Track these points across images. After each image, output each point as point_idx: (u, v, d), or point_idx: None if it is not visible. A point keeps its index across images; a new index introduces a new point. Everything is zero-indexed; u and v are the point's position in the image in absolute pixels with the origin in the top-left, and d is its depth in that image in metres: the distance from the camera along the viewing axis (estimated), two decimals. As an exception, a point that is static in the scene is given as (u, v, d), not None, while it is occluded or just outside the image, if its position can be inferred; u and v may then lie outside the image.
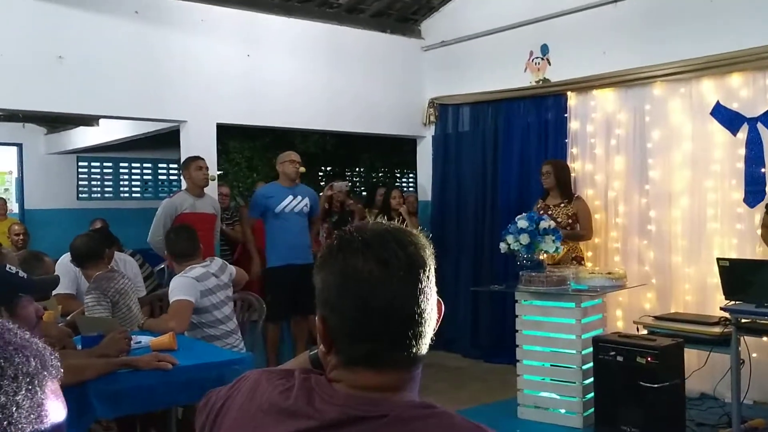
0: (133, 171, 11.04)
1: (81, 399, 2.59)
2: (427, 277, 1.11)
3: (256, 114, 6.35)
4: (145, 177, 11.16)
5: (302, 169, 5.91)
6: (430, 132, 7.40)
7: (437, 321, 1.13)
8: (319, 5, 6.77)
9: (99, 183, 10.77)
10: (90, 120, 8.53)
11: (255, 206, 5.86)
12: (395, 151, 9.13)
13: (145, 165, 11.07)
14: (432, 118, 7.29)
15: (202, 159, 5.56)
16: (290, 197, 5.73)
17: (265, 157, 8.22)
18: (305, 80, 6.60)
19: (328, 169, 9.81)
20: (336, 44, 6.82)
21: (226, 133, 6.41)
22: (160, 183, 11.26)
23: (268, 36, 6.42)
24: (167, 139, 7.67)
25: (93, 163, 10.66)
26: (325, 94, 6.71)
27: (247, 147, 8.27)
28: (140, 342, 3.20)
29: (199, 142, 6.03)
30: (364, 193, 9.84)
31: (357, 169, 10.12)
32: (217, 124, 6.14)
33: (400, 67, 7.24)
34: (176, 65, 5.87)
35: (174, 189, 11.02)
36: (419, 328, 1.09)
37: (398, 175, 10.17)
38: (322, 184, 9.14)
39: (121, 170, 10.92)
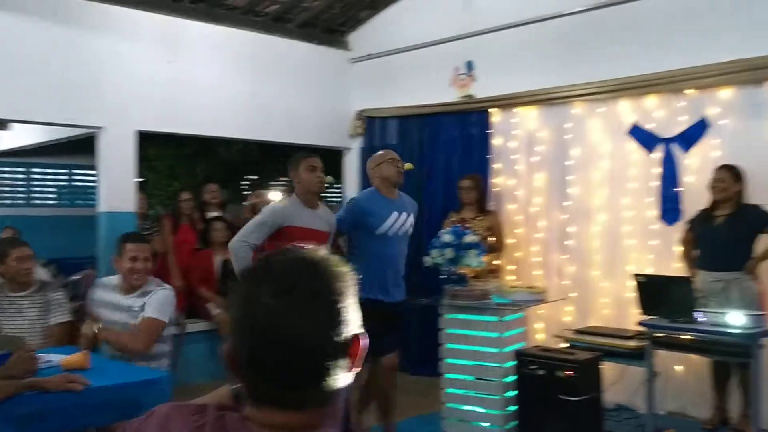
0: (47, 177, 10.57)
1: (-16, 424, 2.44)
2: (338, 308, 1.05)
3: (178, 122, 6.19)
4: (59, 183, 10.71)
5: (408, 166, 4.66)
6: (356, 144, 7.39)
7: (356, 357, 1.07)
8: (245, 13, 6.67)
9: (9, 189, 10.26)
10: (1, 123, 8.13)
11: (347, 220, 4.43)
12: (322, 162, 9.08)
13: (59, 171, 10.62)
14: (359, 130, 7.28)
15: (316, 157, 4.27)
16: (395, 214, 4.39)
17: (187, 164, 8.04)
18: (230, 88, 6.48)
19: (255, 178, 9.67)
20: (262, 53, 6.73)
21: (145, 139, 6.20)
22: (75, 190, 10.82)
23: (192, 42, 6.28)
24: (84, 143, 7.38)
25: (3, 168, 10.16)
26: (250, 103, 6.60)
27: (168, 154, 8.05)
28: (51, 361, 3.03)
29: (117, 150, 5.83)
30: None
31: (282, 180, 10.01)
32: (138, 131, 5.95)
33: (326, 78, 7.21)
34: (94, 70, 5.66)
35: (91, 196, 10.63)
36: (325, 364, 1.03)
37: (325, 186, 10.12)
38: (245, 193, 9.01)
39: (34, 176, 10.44)
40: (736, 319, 4.09)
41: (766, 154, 4.79)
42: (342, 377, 1.05)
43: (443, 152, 6.63)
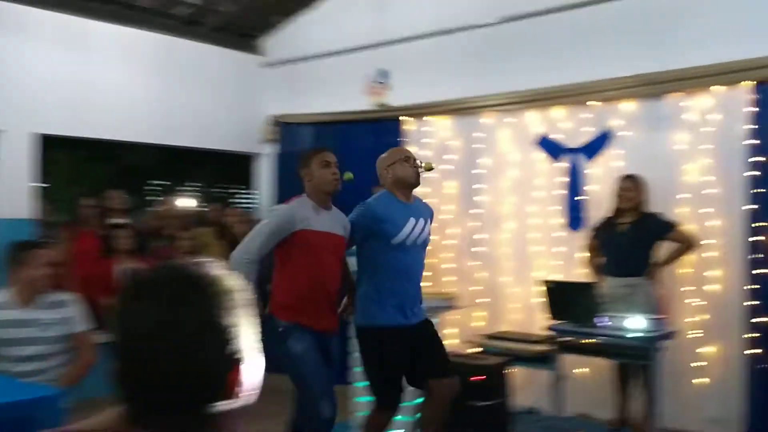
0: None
1: None
2: (220, 331, 0.99)
3: (83, 125, 5.95)
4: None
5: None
6: (268, 150, 7.28)
7: (236, 383, 1.01)
8: (156, 15, 6.48)
9: None
10: None
11: (359, 227, 3.81)
12: (230, 168, 8.92)
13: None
14: (271, 136, 7.19)
15: (329, 151, 3.78)
16: (412, 221, 3.77)
17: (90, 169, 7.72)
18: (138, 92, 6.28)
19: (163, 183, 9.40)
20: (173, 56, 6.56)
21: (47, 143, 5.92)
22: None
23: (100, 44, 6.05)
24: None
25: None
26: (159, 107, 6.42)
27: (71, 159, 7.72)
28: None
29: (15, 153, 5.54)
30: (201, 208, 9.54)
31: (192, 185, 9.79)
32: (38, 134, 5.67)
33: (238, 83, 7.09)
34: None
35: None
36: (203, 389, 0.98)
37: (234, 191, 9.93)
38: (152, 200, 8.74)
39: None
40: (636, 324, 4.25)
41: (665, 164, 5.02)
42: (223, 403, 1.00)
43: (357, 161, 6.57)
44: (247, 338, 1.02)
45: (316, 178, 3.69)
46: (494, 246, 5.79)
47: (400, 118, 6.28)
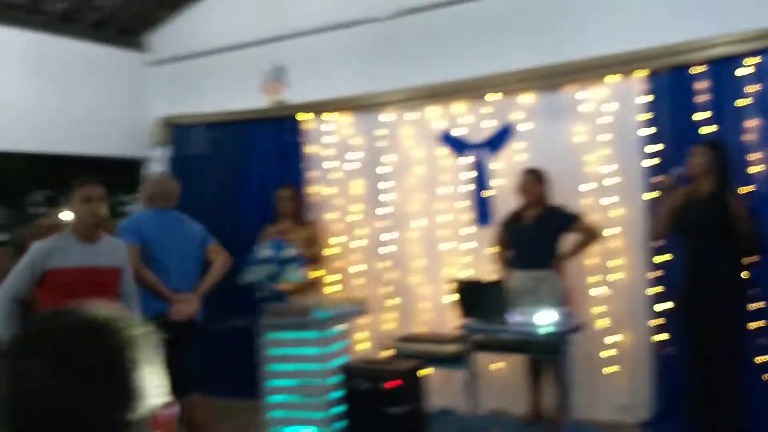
0: None
1: None
2: (129, 386, 0.87)
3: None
4: None
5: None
6: (158, 153, 6.84)
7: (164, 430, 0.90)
8: (28, 12, 5.95)
9: None
10: None
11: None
12: (118, 174, 8.38)
13: None
14: (161, 139, 6.77)
15: (95, 185, 3.63)
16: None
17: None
18: (10, 96, 5.75)
19: (50, 193, 8.77)
20: (46, 56, 6.05)
21: None
22: None
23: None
24: None
25: None
26: (34, 111, 5.90)
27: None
28: None
29: None
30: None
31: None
32: None
33: (121, 82, 6.62)
34: None
35: None
36: None
37: (122, 200, 9.38)
38: (35, 213, 8.13)
39: None
40: (545, 318, 4.25)
41: (566, 156, 5.05)
42: None
43: (257, 161, 6.33)
44: (155, 382, 0.91)
45: (77, 213, 3.61)
46: (403, 245, 5.68)
47: (300, 116, 6.04)
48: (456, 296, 4.52)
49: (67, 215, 6.35)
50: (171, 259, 4.28)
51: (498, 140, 5.30)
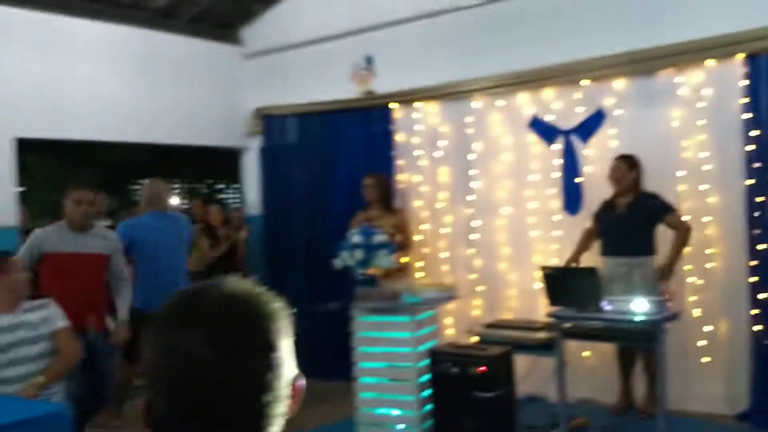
0: None
1: None
2: (273, 356, 0.93)
3: (61, 127, 5.76)
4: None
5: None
6: (255, 143, 7.13)
7: (294, 403, 0.96)
8: (131, 9, 6.29)
9: None
10: None
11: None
12: (217, 163, 8.75)
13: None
14: (256, 129, 7.03)
15: (86, 190, 4.27)
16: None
17: (70, 172, 7.52)
18: (117, 89, 6.10)
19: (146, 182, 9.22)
20: (150, 51, 6.38)
21: (25, 146, 5.75)
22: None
23: (74, 41, 5.86)
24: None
25: None
26: (140, 104, 6.24)
27: (48, 162, 7.51)
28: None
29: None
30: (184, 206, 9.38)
31: (177, 182, 9.61)
32: (17, 138, 5.49)
33: (219, 75, 6.91)
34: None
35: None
36: (258, 418, 0.91)
37: (222, 187, 9.77)
38: (134, 199, 8.58)
39: None
40: (640, 306, 4.18)
41: (661, 142, 4.94)
42: (278, 427, 0.94)
43: (346, 150, 6.48)
44: (291, 356, 0.97)
45: (68, 214, 4.27)
46: (490, 232, 5.70)
47: (390, 105, 6.14)
48: (545, 283, 4.51)
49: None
50: (162, 256, 4.80)
51: (589, 126, 5.23)
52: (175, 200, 7.38)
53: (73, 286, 4.14)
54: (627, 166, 4.80)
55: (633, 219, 4.75)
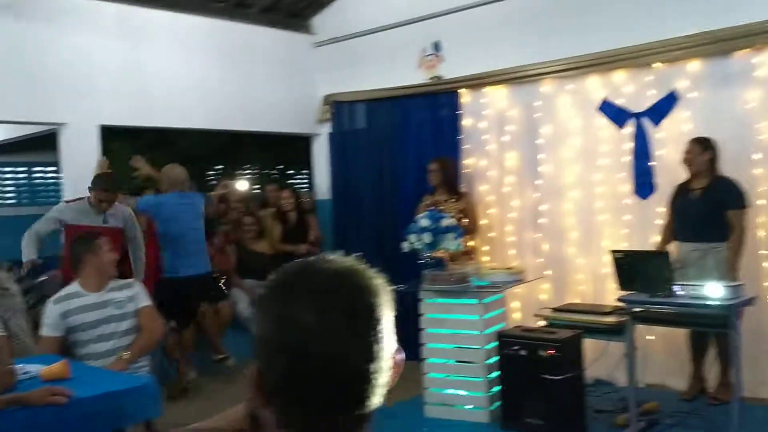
0: (6, 176, 10.26)
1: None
2: (379, 328, 0.97)
3: (141, 114, 6.03)
4: (19, 182, 10.41)
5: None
6: (325, 129, 7.29)
7: (394, 375, 1.00)
8: (206, 0, 6.50)
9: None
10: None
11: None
12: (288, 149, 8.95)
13: (18, 169, 10.32)
14: (327, 116, 7.18)
15: (106, 190, 5.06)
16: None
17: (147, 157, 7.79)
18: (192, 78, 6.33)
19: (219, 168, 9.51)
20: (224, 40, 6.58)
21: (107, 132, 6.03)
22: (36, 188, 10.54)
23: (152, 31, 6.10)
24: (43, 141, 7.16)
25: (-41, 169, 9.85)
26: (214, 92, 6.46)
27: (126, 147, 7.82)
28: (28, 372, 2.93)
29: (81, 146, 5.67)
30: (255, 191, 9.62)
31: (248, 168, 9.86)
32: (101, 126, 5.78)
33: (291, 63, 7.08)
34: (53, 64, 5.47)
35: (51, 194, 10.36)
36: (365, 388, 0.96)
37: (291, 173, 9.98)
38: (212, 184, 8.85)
39: (-8, 175, 10.14)
40: (714, 291, 4.12)
41: (737, 124, 4.84)
42: (379, 398, 0.98)
43: (414, 135, 6.57)
44: (392, 329, 1.00)
45: (93, 202, 5.08)
46: (558, 217, 5.69)
47: (458, 90, 6.17)
48: (615, 267, 4.49)
49: (241, 185, 6.93)
50: (186, 230, 5.49)
51: (662, 109, 5.16)
52: (244, 185, 7.61)
53: None
54: (701, 148, 4.72)
55: (707, 204, 4.67)
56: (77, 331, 3.70)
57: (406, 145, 6.61)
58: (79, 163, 5.66)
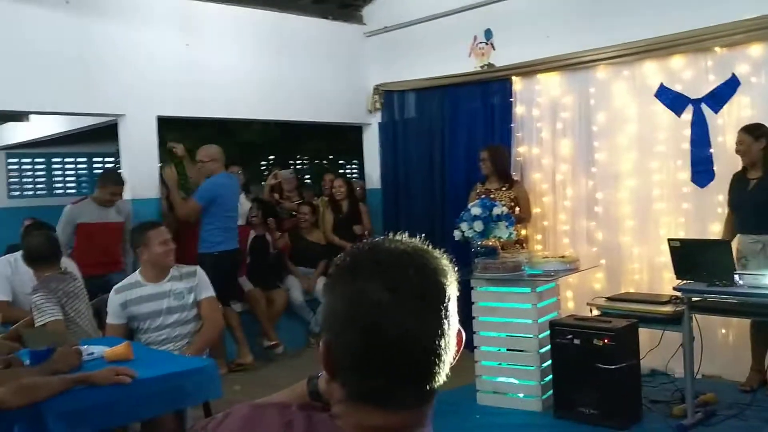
0: (67, 166, 10.61)
1: (35, 420, 2.44)
2: (447, 307, 1.00)
3: (197, 105, 6.15)
4: (79, 172, 10.75)
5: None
6: (375, 119, 7.32)
7: (456, 352, 1.03)
8: (258, -8, 6.59)
9: (31, 180, 10.32)
10: (20, 115, 8.13)
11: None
12: (339, 139, 9.02)
13: (79, 159, 10.66)
14: (377, 105, 7.21)
15: (119, 186, 5.48)
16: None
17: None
18: (246, 69, 6.43)
19: (271, 158, 9.63)
20: (277, 31, 6.66)
21: (164, 124, 6.18)
22: (96, 177, 10.86)
23: (207, 24, 6.22)
24: (102, 131, 7.37)
25: (24, 160, 10.21)
26: (268, 83, 6.55)
27: (187, 138, 8.01)
28: (93, 353, 3.04)
29: (139, 136, 5.82)
30: (307, 181, 9.72)
31: (300, 158, 9.96)
32: (158, 116, 5.92)
33: (343, 53, 7.12)
34: (112, 56, 5.62)
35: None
36: (433, 364, 0.98)
37: (342, 162, 10.04)
38: (266, 173, 8.98)
39: (54, 166, 10.48)
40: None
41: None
42: (445, 374, 1.01)
43: (464, 123, 6.55)
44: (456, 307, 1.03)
45: (99, 195, 5.45)
46: (612, 205, 5.60)
47: (511, 78, 6.12)
48: (673, 256, 4.40)
49: (285, 174, 7.04)
50: (231, 208, 5.73)
51: (722, 94, 5.02)
52: (292, 175, 7.69)
53: (99, 246, 5.28)
54: (752, 137, 4.56)
55: (763, 195, 4.53)
56: (137, 320, 3.77)
57: (456, 134, 6.60)
58: (138, 153, 5.83)
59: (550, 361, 4.55)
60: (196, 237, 5.62)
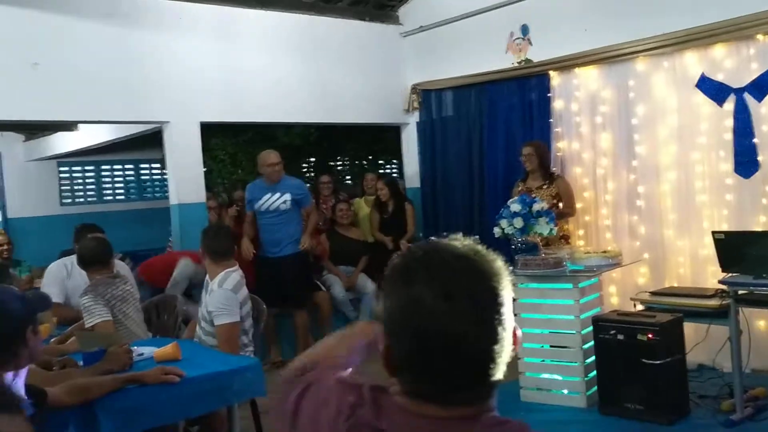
0: (115, 173, 10.91)
1: (88, 419, 2.55)
2: (501, 311, 1.01)
3: (238, 110, 6.28)
4: (127, 178, 11.05)
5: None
6: (413, 118, 7.36)
7: (513, 350, 1.04)
8: (295, -4, 6.68)
9: (82, 187, 10.64)
10: (69, 125, 8.39)
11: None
12: (378, 139, 9.08)
13: (126, 166, 10.95)
14: (415, 105, 7.25)
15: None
16: (269, 194, 5.85)
17: (248, 152, 8.14)
18: (286, 73, 6.52)
19: (312, 160, 9.72)
20: (314, 35, 6.74)
21: (207, 129, 6.32)
22: (143, 184, 11.15)
23: (246, 30, 6.33)
24: (147, 139, 7.57)
25: (74, 168, 10.53)
26: (307, 86, 6.64)
27: (230, 143, 8.17)
28: (142, 354, 3.15)
29: (183, 142, 5.96)
30: (348, 182, 9.79)
31: (340, 159, 10.04)
32: (201, 123, 6.06)
33: (380, 54, 7.18)
34: (155, 65, 5.78)
35: (157, 189, 10.94)
36: (489, 366, 1.00)
37: (382, 162, 10.09)
38: (308, 176, 9.08)
39: (103, 173, 10.80)
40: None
41: None
42: (501, 373, 1.03)
43: (502, 120, 6.54)
44: (511, 308, 1.04)
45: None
46: (655, 198, 5.53)
47: (549, 73, 6.09)
48: (717, 249, 4.34)
49: (336, 176, 7.05)
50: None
51: (765, 83, 4.91)
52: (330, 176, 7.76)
53: None
54: None
55: None
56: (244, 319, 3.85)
57: (494, 131, 6.60)
58: (182, 158, 5.98)
59: (594, 357, 4.52)
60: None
